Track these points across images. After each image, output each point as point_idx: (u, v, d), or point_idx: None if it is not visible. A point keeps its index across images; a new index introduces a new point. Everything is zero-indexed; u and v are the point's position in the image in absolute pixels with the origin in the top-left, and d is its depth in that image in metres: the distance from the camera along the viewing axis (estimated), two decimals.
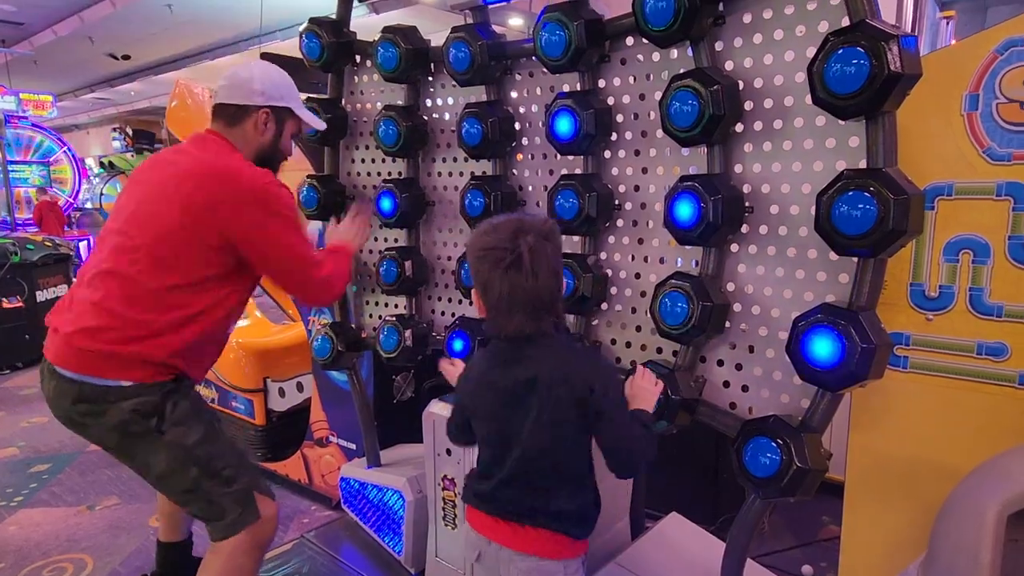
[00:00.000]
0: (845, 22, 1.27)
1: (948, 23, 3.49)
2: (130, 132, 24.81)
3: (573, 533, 1.31)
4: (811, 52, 1.34)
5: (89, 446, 3.87)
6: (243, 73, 1.74)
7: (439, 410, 1.95)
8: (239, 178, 1.61)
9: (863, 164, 1.28)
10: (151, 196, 1.62)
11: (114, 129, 25.32)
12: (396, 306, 2.33)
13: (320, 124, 1.94)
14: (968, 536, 0.91)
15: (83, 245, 10.87)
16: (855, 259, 1.29)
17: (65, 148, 13.22)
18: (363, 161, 2.34)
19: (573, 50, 1.59)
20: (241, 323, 3.75)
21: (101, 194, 21.58)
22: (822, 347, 1.24)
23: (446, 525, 2.01)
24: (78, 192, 13.51)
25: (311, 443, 3.03)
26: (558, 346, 1.28)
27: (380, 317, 2.36)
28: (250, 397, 3.39)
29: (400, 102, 2.15)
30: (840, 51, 1.17)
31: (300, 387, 3.30)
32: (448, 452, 1.93)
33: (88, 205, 16.52)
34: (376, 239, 2.35)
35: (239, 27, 11.09)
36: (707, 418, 1.55)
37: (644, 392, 1.41)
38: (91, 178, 17.74)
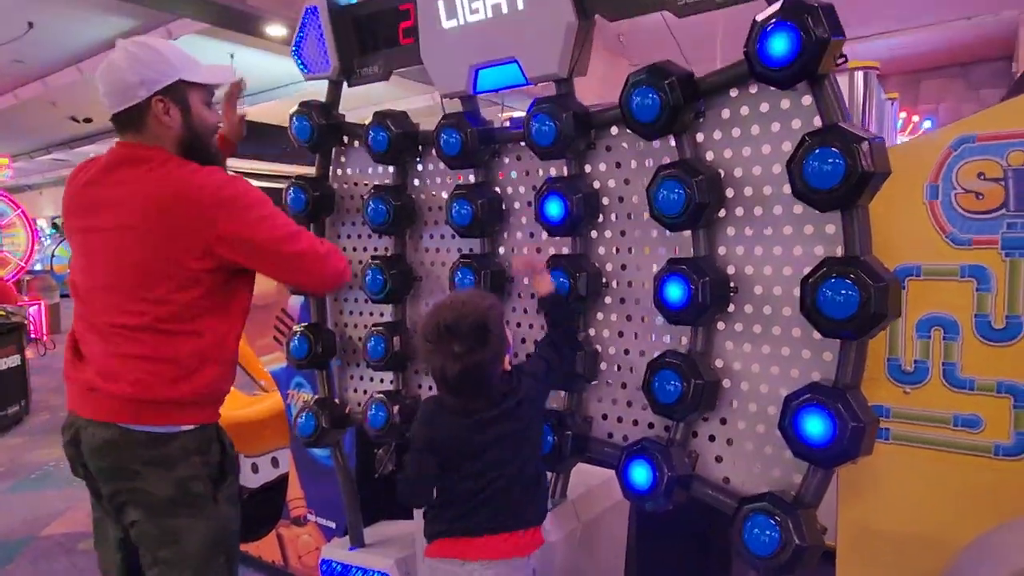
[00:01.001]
0: (816, 121, 1.39)
1: (892, 103, 3.81)
2: None
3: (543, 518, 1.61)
4: (787, 146, 1.45)
5: (44, 530, 3.65)
6: (111, 73, 1.54)
7: None
8: (200, 190, 1.53)
9: (839, 250, 1.38)
10: (118, 238, 1.54)
11: None
12: (382, 381, 2.32)
13: (227, 74, 1.73)
14: None
15: (33, 310, 10.48)
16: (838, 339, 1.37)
17: (19, 211, 12.87)
18: (348, 237, 2.37)
19: (562, 139, 1.68)
20: None
21: (52, 255, 20.94)
22: (814, 426, 1.30)
23: None
24: (30, 256, 13.10)
25: (287, 522, 2.93)
26: (506, 392, 1.56)
27: (365, 392, 2.34)
28: None
29: (387, 181, 2.21)
30: (817, 151, 1.27)
31: (275, 462, 3.21)
32: None
33: (38, 267, 15.99)
34: (362, 313, 2.36)
35: None
36: (702, 494, 1.58)
37: (539, 274, 1.75)
38: (42, 239, 17.24)
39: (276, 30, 6.18)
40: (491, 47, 1.78)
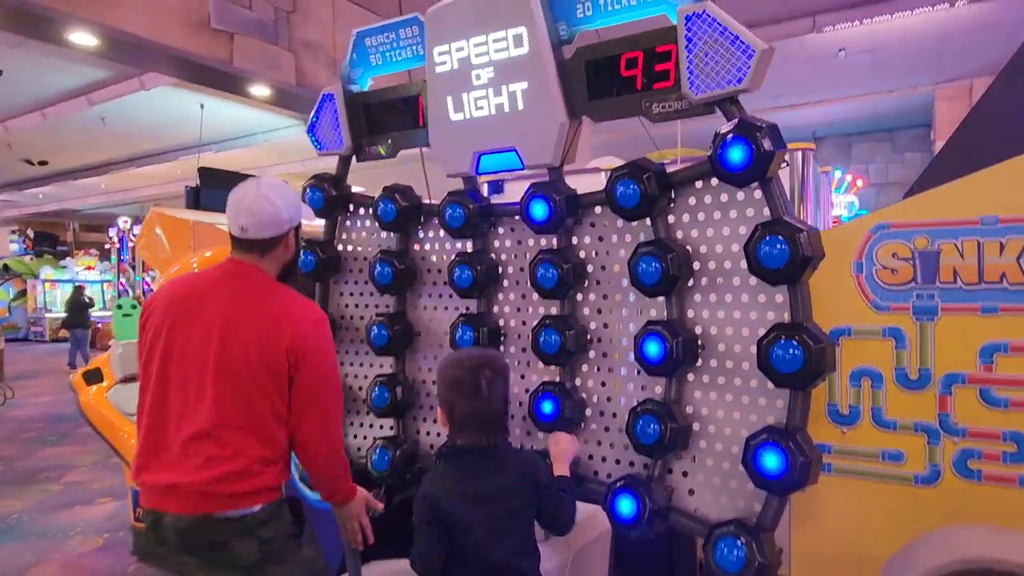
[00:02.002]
0: (765, 211, 1.72)
1: (827, 175, 4.34)
2: (31, 235, 23.67)
3: None
4: (742, 229, 1.77)
5: None
6: (269, 208, 1.82)
7: None
8: (316, 319, 1.82)
9: (787, 315, 1.69)
10: (237, 349, 1.70)
11: (13, 231, 24.07)
12: (380, 427, 2.51)
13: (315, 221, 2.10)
14: None
15: None
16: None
17: None
18: (351, 295, 2.60)
19: (556, 218, 1.97)
20: None
21: None
22: (771, 461, 1.58)
23: None
24: None
25: None
26: (511, 454, 1.78)
27: (365, 438, 2.53)
28: None
29: (389, 246, 2.46)
30: (767, 238, 1.59)
31: None
32: None
33: None
34: (362, 365, 2.57)
35: (173, 139, 11.29)
36: (677, 523, 1.84)
37: (564, 453, 1.85)
38: None
39: (260, 90, 6.45)
40: (493, 137, 2.08)
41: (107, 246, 20.77)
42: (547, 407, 2.01)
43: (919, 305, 1.79)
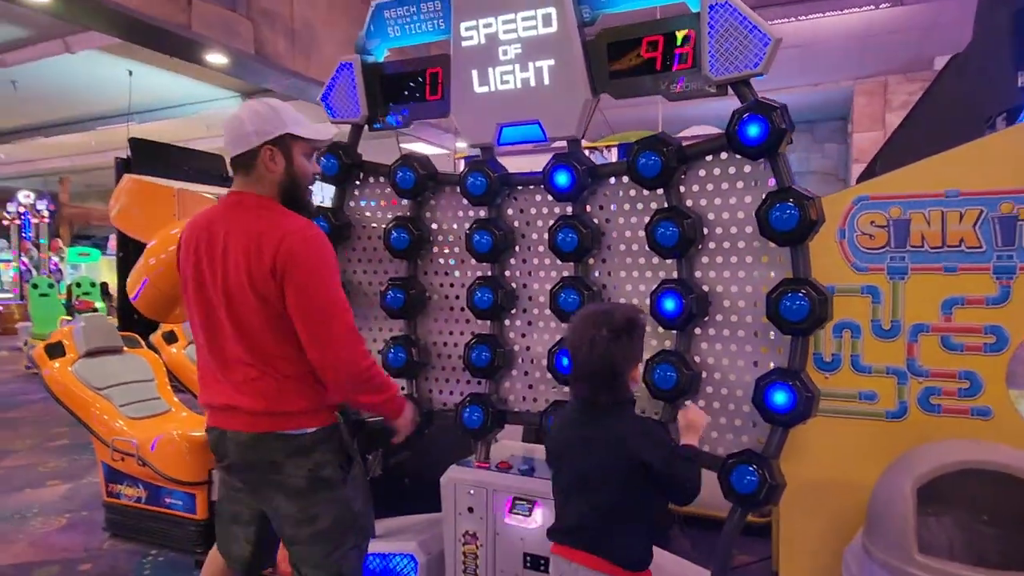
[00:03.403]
0: (770, 181, 1.95)
1: None
2: None
3: (627, 565, 1.64)
4: (747, 199, 2.00)
5: None
6: (233, 123, 1.80)
7: (457, 475, 2.27)
8: (306, 235, 1.74)
9: (788, 273, 1.94)
10: (232, 277, 1.73)
11: None
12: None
13: (327, 133, 1.95)
14: (895, 505, 1.48)
15: None
16: (787, 336, 1.92)
17: None
18: (359, 261, 2.67)
19: (578, 186, 2.14)
20: (183, 414, 3.70)
21: None
22: (780, 397, 1.83)
23: None
24: None
25: None
26: (615, 418, 1.67)
27: None
28: (192, 491, 3.34)
29: (400, 213, 2.55)
30: (779, 205, 1.82)
31: None
32: (470, 510, 2.25)
33: None
34: (371, 329, 2.66)
35: (92, 107, 10.58)
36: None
37: (694, 425, 1.82)
38: None
39: (217, 58, 6.19)
40: (517, 110, 2.21)
41: (4, 223, 19.16)
42: (567, 362, 2.19)
43: (892, 266, 2.08)
